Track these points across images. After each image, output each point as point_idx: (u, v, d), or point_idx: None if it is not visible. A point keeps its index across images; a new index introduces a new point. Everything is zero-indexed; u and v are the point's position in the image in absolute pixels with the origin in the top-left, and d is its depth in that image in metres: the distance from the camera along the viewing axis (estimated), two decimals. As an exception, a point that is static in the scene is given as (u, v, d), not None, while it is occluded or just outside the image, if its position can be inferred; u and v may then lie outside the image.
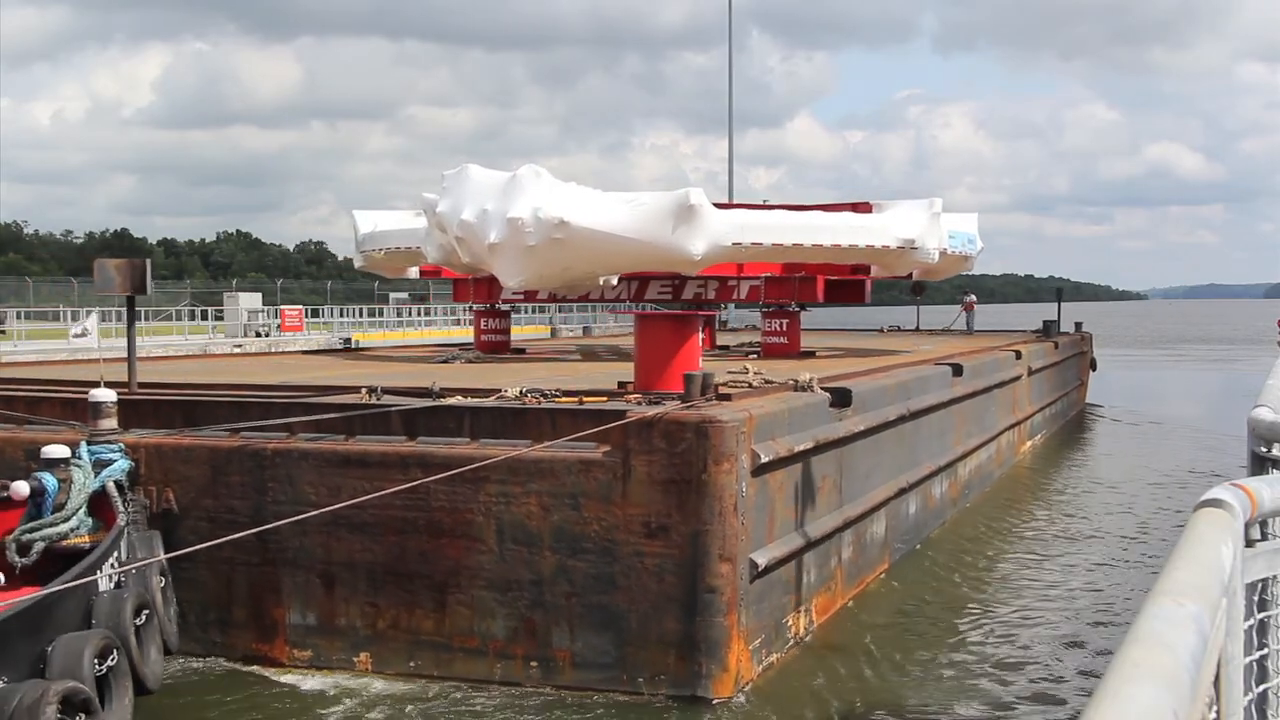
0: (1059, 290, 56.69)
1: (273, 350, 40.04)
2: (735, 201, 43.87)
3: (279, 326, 54.04)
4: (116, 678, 11.68)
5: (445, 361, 27.37)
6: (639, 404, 14.98)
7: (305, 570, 15.36)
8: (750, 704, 14.20)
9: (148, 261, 16.57)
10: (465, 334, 49.13)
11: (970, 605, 19.18)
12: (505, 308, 32.61)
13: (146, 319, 53.28)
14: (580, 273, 26.79)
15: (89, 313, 16.08)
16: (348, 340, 44.29)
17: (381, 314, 64.42)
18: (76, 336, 16.24)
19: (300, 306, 58.75)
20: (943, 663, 16.11)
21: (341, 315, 61.94)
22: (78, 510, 14.53)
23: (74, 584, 11.88)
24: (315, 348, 40.86)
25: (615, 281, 28.68)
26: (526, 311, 57.76)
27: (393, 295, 73.75)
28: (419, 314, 66.15)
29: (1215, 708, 3.08)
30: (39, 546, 14.11)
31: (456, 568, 14.76)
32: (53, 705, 10.25)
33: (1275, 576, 4.13)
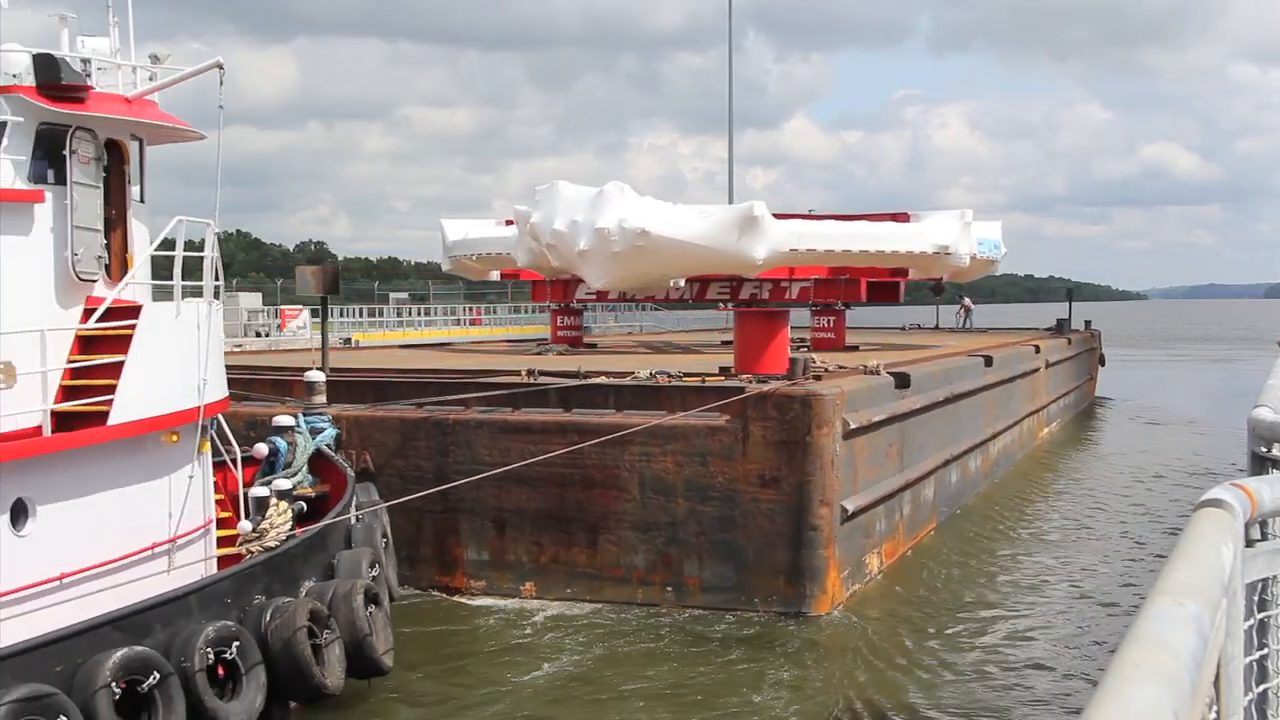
0: (1069, 290, 60.30)
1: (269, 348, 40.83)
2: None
3: (279, 326, 54.18)
4: (379, 584, 15.36)
5: (539, 353, 31.03)
6: (751, 382, 18.71)
7: (480, 516, 19.09)
8: (843, 620, 17.93)
9: (338, 267, 20.24)
10: (465, 334, 51.82)
11: (1005, 563, 22.83)
12: (579, 306, 36.28)
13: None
14: (657, 275, 30.48)
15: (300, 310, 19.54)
16: (347, 340, 46.03)
17: (381, 314, 65.05)
18: (299, 329, 19.97)
19: (300, 306, 59.24)
20: (984, 603, 19.78)
21: (341, 315, 62.23)
22: (302, 467, 18.20)
23: (342, 518, 15.62)
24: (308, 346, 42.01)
25: (682, 283, 32.40)
26: (528, 311, 60.57)
27: (392, 295, 74.93)
28: (419, 314, 67.17)
29: (1215, 708, 3.08)
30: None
31: (606, 513, 18.48)
32: (360, 595, 13.99)
33: (1275, 576, 4.10)
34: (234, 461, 16.28)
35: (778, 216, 30.99)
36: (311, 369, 19.43)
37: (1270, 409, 6.85)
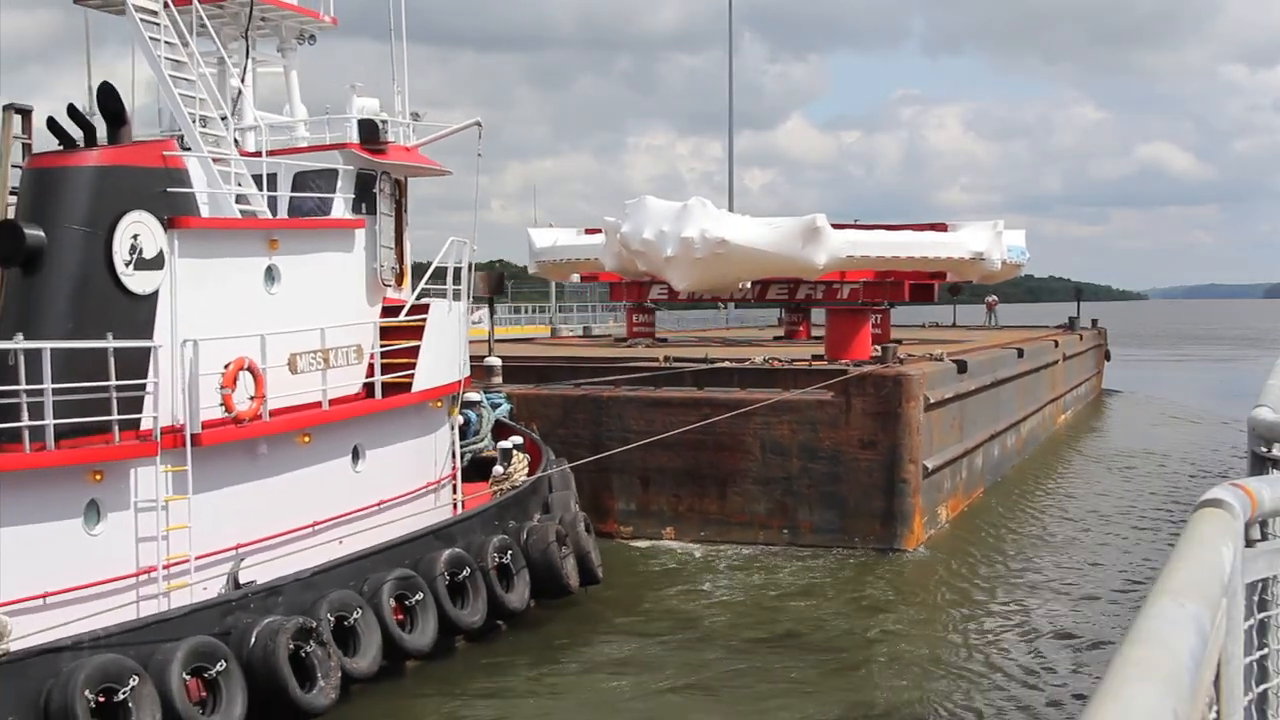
0: (1078, 290, 65.17)
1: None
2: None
3: None
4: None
5: (629, 345, 35.57)
6: (849, 365, 23.28)
7: (629, 475, 23.62)
8: (926, 554, 22.51)
9: (503, 273, 24.75)
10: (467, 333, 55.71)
11: (1039, 524, 27.39)
12: (651, 306, 40.81)
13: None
14: (731, 279, 35.00)
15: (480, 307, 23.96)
16: None
17: (380, 313, 68.35)
18: (475, 324, 24.51)
19: None
20: (1025, 551, 24.29)
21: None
22: (488, 435, 22.73)
23: (551, 471, 20.15)
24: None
25: (749, 285, 36.95)
26: (527, 311, 64.06)
27: None
28: None
29: (1215, 708, 3.12)
30: (469, 457, 22.31)
31: (734, 470, 23.02)
32: (583, 523, 18.54)
33: (1275, 576, 4.12)
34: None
35: (834, 227, 35.55)
36: (489, 356, 23.95)
37: (1270, 409, 6.84)
